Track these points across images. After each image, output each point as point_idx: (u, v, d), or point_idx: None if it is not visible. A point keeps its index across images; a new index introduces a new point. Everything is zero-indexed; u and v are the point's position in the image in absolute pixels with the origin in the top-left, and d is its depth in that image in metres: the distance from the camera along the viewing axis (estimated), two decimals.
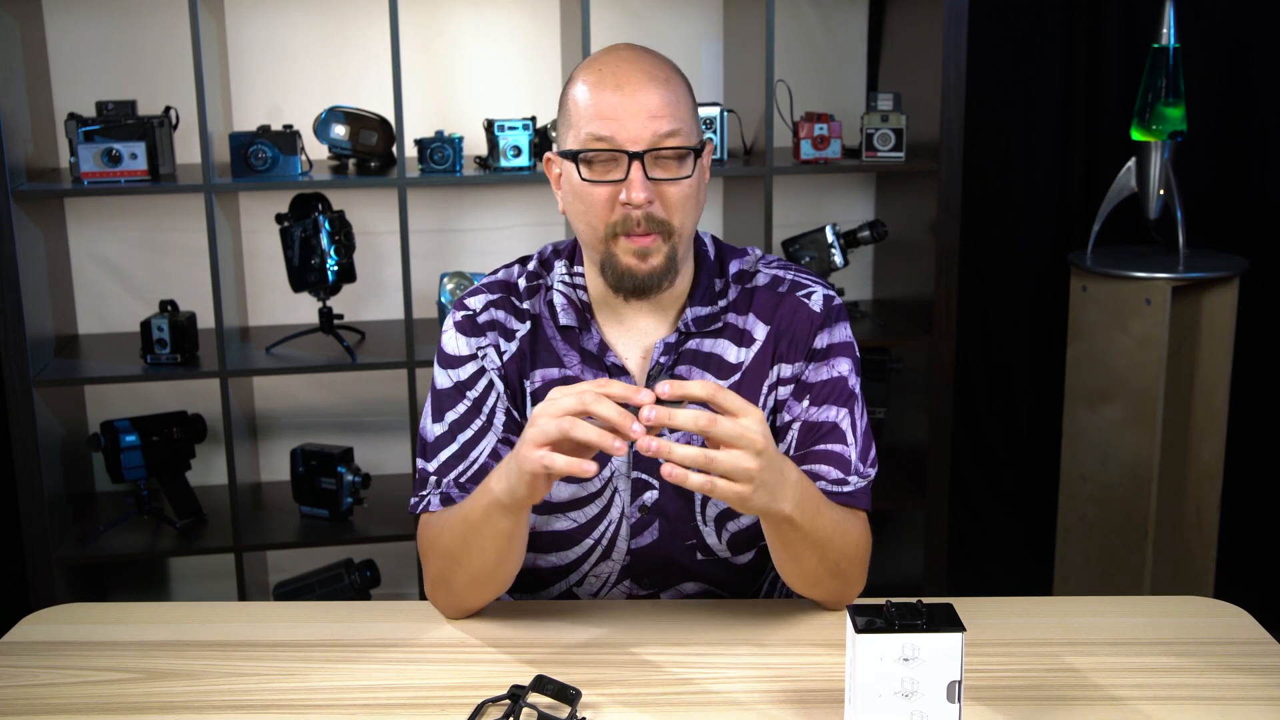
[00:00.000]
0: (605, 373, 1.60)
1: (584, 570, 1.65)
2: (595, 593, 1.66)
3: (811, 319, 1.61)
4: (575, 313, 1.61)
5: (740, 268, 1.65)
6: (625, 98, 1.48)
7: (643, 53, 1.54)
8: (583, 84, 1.51)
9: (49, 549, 2.74)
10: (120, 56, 2.93)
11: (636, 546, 1.62)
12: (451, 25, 3.03)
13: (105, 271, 3.03)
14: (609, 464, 1.60)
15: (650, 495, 1.61)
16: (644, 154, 1.48)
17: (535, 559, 1.66)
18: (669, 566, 1.64)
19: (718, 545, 1.63)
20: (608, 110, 1.48)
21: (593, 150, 1.49)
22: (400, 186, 2.73)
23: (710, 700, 1.38)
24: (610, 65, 1.51)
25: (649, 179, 1.48)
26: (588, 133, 1.49)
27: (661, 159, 1.49)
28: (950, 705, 1.23)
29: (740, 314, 1.62)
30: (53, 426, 2.80)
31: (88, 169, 2.64)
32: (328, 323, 2.88)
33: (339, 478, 2.88)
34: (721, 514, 1.62)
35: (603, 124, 1.48)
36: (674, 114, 1.49)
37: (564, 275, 1.64)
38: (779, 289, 1.63)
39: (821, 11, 3.16)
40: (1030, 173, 3.28)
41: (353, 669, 1.45)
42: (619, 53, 1.53)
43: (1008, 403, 3.39)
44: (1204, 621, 1.57)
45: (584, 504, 1.61)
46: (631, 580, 1.65)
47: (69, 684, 1.43)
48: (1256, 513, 3.31)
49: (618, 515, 1.62)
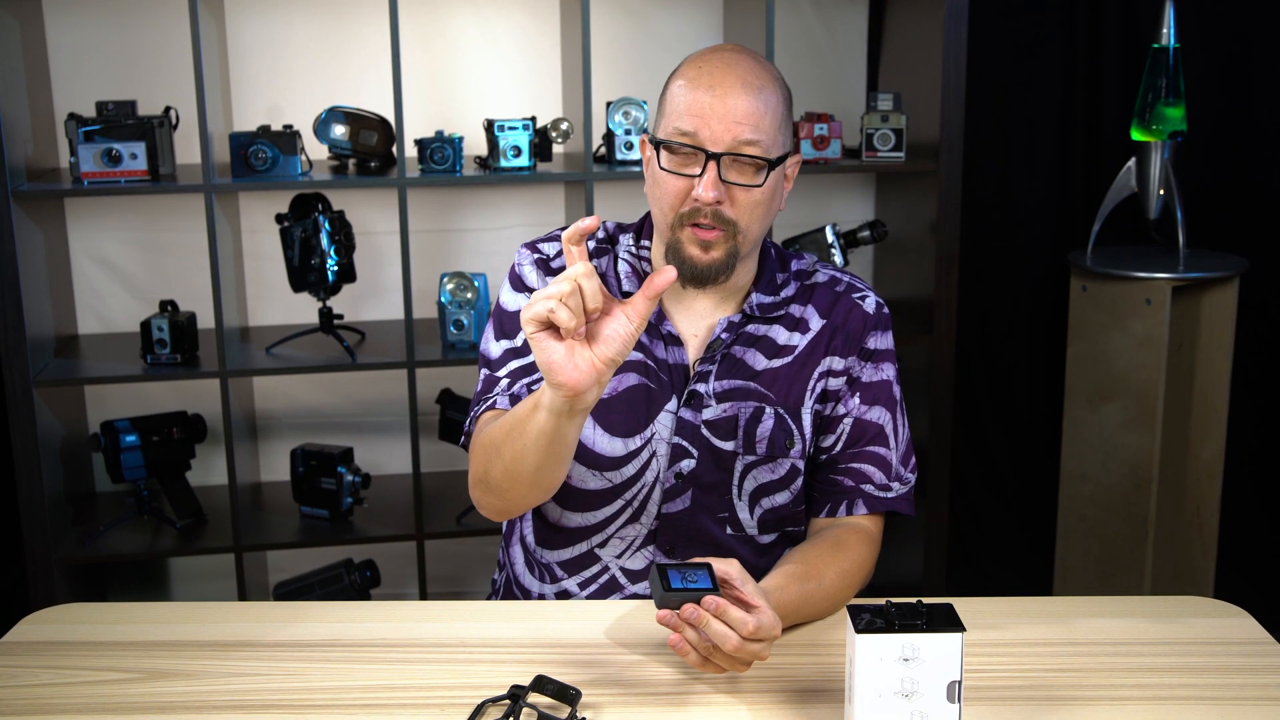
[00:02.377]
0: (661, 341, 1.66)
1: (610, 531, 1.69)
2: (619, 554, 1.69)
3: (866, 319, 1.71)
4: (639, 281, 1.69)
5: (800, 267, 1.74)
6: (715, 99, 1.54)
7: (744, 57, 1.59)
8: (682, 78, 1.59)
9: (49, 549, 2.74)
10: (120, 56, 2.93)
11: (668, 512, 1.66)
12: (451, 25, 3.03)
13: (105, 271, 3.03)
14: (651, 427, 1.65)
15: (688, 463, 1.66)
16: (720, 155, 1.54)
17: (562, 515, 1.70)
18: (695, 537, 1.68)
19: (749, 521, 1.69)
20: (696, 108, 1.55)
21: (676, 143, 1.56)
22: (400, 186, 2.73)
23: (710, 700, 1.38)
24: (710, 65, 1.57)
25: (723, 179, 1.55)
26: (675, 126, 1.56)
27: (738, 163, 1.56)
28: (950, 705, 1.23)
29: (801, 305, 1.71)
30: (53, 426, 2.79)
31: (88, 169, 2.64)
32: (328, 323, 2.88)
33: (339, 478, 2.87)
34: (757, 489, 1.68)
35: (690, 120, 1.55)
36: (758, 124, 1.55)
37: (630, 247, 1.71)
38: (836, 288, 1.72)
39: (821, 11, 3.16)
40: (1030, 173, 3.28)
41: (353, 669, 1.45)
42: (723, 54, 1.59)
43: (1008, 403, 3.38)
44: (1204, 621, 1.57)
45: (622, 464, 1.65)
46: (656, 545, 1.68)
47: (69, 684, 1.42)
48: (1256, 512, 3.30)
49: (652, 479, 1.66)
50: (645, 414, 1.65)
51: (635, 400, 1.65)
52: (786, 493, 1.69)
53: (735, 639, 1.32)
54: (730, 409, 1.65)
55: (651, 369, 1.66)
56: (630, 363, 1.65)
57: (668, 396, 1.65)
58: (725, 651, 1.33)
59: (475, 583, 3.24)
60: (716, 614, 1.32)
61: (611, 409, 1.65)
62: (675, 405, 1.65)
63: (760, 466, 1.67)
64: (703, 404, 1.65)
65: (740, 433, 1.65)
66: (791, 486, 1.69)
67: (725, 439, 1.65)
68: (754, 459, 1.66)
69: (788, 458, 1.67)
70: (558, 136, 2.82)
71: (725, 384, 1.66)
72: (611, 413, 1.65)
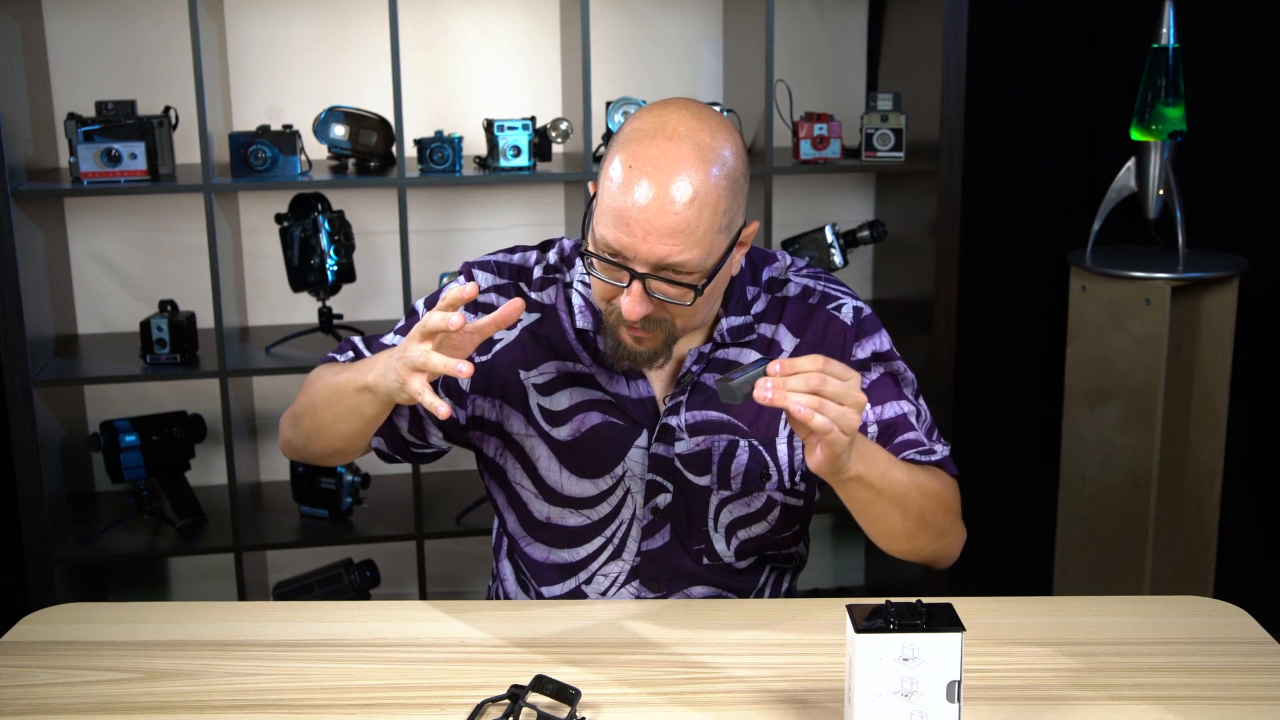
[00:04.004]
0: (623, 377, 1.61)
1: (593, 569, 1.66)
2: (604, 592, 1.67)
3: (846, 332, 1.63)
4: (593, 317, 1.61)
5: (771, 274, 1.65)
6: (643, 215, 1.41)
7: (685, 147, 1.43)
8: (619, 165, 1.44)
9: (49, 549, 2.73)
10: (120, 56, 2.93)
11: (648, 549, 1.63)
12: (451, 25, 3.03)
13: (105, 271, 3.03)
14: (622, 464, 1.61)
15: (663, 498, 1.62)
16: (646, 276, 1.45)
17: (548, 553, 1.67)
18: (677, 571, 1.65)
19: (725, 551, 1.65)
20: (623, 221, 1.43)
21: (602, 257, 1.47)
22: (400, 186, 2.73)
23: (710, 700, 1.38)
24: (643, 164, 1.43)
25: (652, 294, 1.46)
26: (602, 235, 1.46)
27: (669, 275, 1.46)
28: (950, 705, 1.23)
29: (771, 323, 1.63)
30: (52, 426, 2.79)
31: (87, 169, 2.63)
32: (327, 323, 2.88)
33: (339, 477, 2.87)
34: (733, 522, 1.63)
35: (615, 235, 1.44)
36: (688, 242, 1.42)
37: (584, 276, 1.63)
38: (809, 300, 1.64)
39: (821, 11, 3.15)
40: (1030, 172, 3.28)
41: (353, 669, 1.45)
42: (659, 144, 1.43)
43: (1007, 403, 3.38)
44: (1203, 621, 1.57)
45: (596, 502, 1.62)
46: (640, 582, 1.65)
47: (69, 684, 1.42)
48: (1256, 513, 3.30)
49: (629, 516, 1.62)
50: (613, 452, 1.60)
51: (599, 440, 1.61)
52: (764, 523, 1.65)
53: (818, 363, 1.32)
54: (703, 442, 1.60)
55: (611, 404, 1.61)
56: (590, 401, 1.61)
57: (637, 432, 1.61)
58: (829, 394, 1.31)
59: (475, 582, 3.24)
60: (785, 369, 1.31)
61: (575, 451, 1.61)
62: (646, 441, 1.61)
63: (735, 501, 1.63)
64: (674, 437, 1.61)
65: (715, 468, 1.61)
66: (769, 517, 1.65)
67: (700, 474, 1.61)
68: (729, 494, 1.62)
69: (763, 491, 1.63)
70: (557, 136, 2.82)
71: (696, 415, 1.61)
72: (575, 455, 1.61)
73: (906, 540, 1.55)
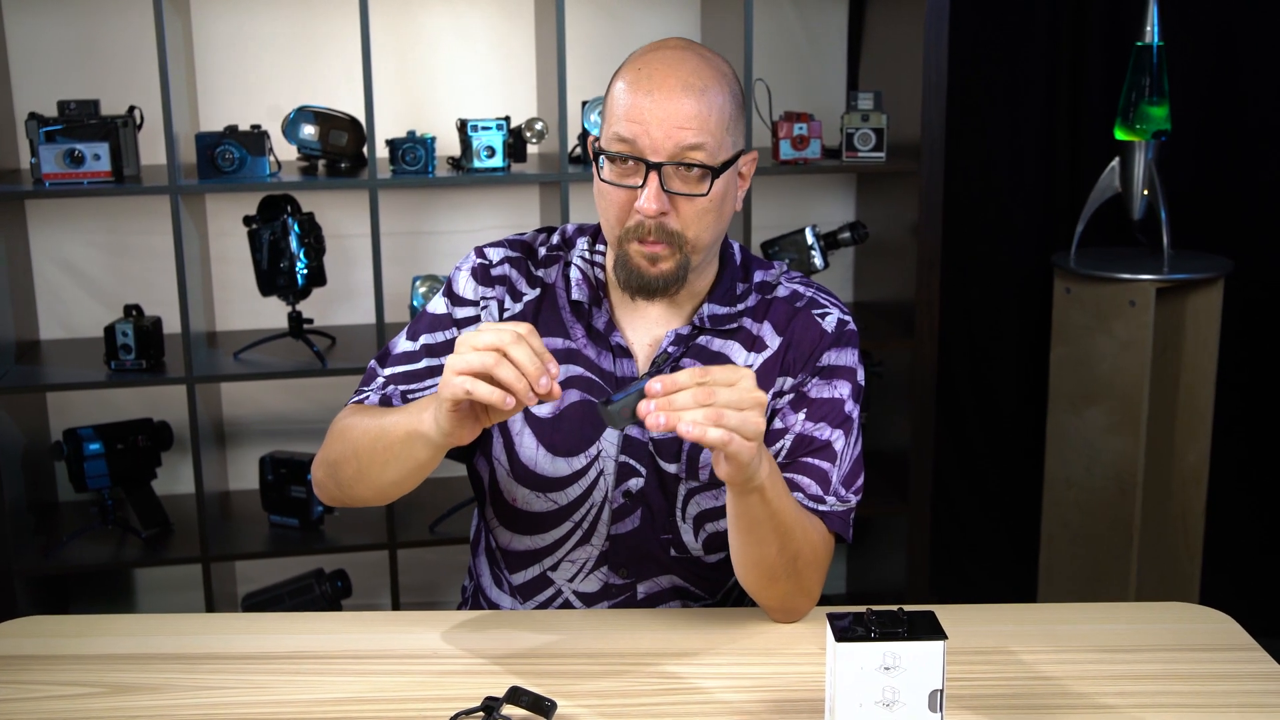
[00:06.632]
0: (610, 352, 1.61)
1: (560, 554, 1.65)
2: (571, 578, 1.66)
3: (822, 336, 1.62)
4: (589, 289, 1.63)
5: (764, 278, 1.67)
6: (655, 103, 1.47)
7: (688, 54, 1.52)
8: (622, 79, 1.51)
9: (10, 560, 2.69)
10: (82, 54, 2.89)
11: (617, 533, 1.62)
12: (424, 23, 3.00)
13: (68, 275, 2.99)
14: (597, 445, 1.60)
15: (635, 482, 1.61)
16: (661, 165, 1.48)
17: (512, 540, 1.67)
18: (647, 557, 1.64)
19: (693, 544, 1.64)
20: (635, 113, 1.48)
21: (615, 152, 1.50)
22: (371, 188, 2.70)
23: (688, 711, 1.37)
24: (650, 65, 1.50)
25: (666, 189, 1.49)
26: (614, 132, 1.50)
27: (682, 171, 1.49)
28: (932, 715, 1.22)
29: (756, 320, 1.64)
30: (14, 435, 2.75)
31: (49, 170, 2.60)
32: (297, 327, 2.85)
33: (309, 486, 2.83)
34: (701, 514, 1.63)
35: (629, 127, 1.48)
36: (701, 127, 1.48)
37: (584, 251, 1.66)
38: (796, 304, 1.65)
39: (800, 9, 3.14)
40: (1013, 173, 3.27)
41: (323, 681, 1.44)
42: (664, 52, 1.52)
43: (991, 406, 3.37)
44: (1189, 628, 1.57)
45: (567, 484, 1.61)
46: (609, 567, 1.64)
47: (30, 699, 1.40)
48: (1242, 517, 3.30)
49: (600, 499, 1.62)
50: (588, 432, 1.60)
51: (578, 417, 1.60)
52: None
53: (695, 376, 1.29)
54: None
55: (596, 383, 1.61)
56: (572, 378, 1.60)
57: None
58: (722, 403, 1.28)
59: (448, 592, 3.21)
60: (666, 386, 1.29)
61: (555, 428, 1.60)
62: None
63: (704, 493, 1.61)
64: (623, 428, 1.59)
65: (684, 456, 1.60)
66: None
67: (670, 461, 1.60)
68: (696, 485, 1.61)
69: None
70: (532, 137, 2.80)
71: None
72: (555, 432, 1.60)
73: (769, 580, 1.51)
